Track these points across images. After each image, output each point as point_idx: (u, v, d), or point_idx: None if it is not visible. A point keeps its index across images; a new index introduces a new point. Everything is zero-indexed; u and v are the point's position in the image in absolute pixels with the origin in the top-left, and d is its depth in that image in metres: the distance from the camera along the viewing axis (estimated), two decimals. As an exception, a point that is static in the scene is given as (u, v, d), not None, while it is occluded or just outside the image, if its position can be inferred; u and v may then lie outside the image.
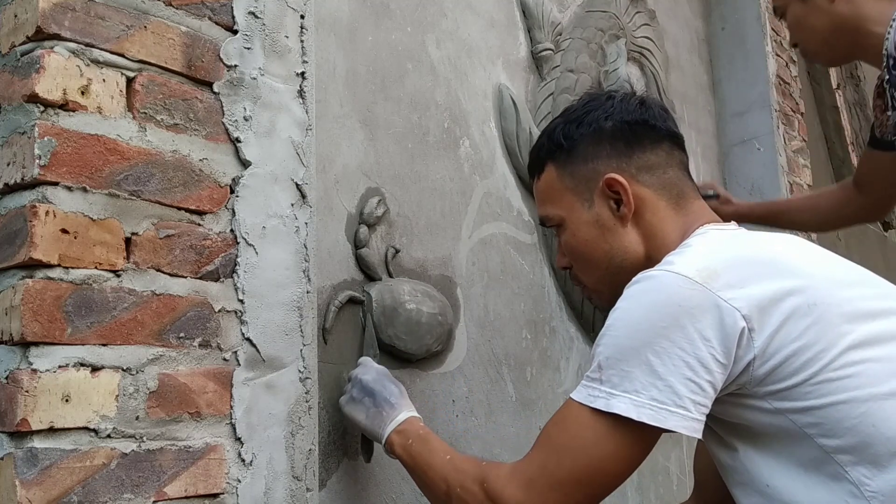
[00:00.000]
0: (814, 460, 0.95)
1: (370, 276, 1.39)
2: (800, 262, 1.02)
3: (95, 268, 0.93)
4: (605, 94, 1.23)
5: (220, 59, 1.09)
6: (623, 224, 1.14)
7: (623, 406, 0.93)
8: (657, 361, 0.93)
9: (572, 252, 1.19)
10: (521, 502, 0.97)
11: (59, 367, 0.89)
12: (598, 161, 1.15)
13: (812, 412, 0.94)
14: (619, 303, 1.00)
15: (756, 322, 0.94)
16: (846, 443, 0.93)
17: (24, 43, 0.93)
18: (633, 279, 1.02)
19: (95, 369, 0.92)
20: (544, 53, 1.87)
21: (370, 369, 1.26)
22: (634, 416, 0.93)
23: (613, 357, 0.96)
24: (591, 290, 1.21)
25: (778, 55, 2.79)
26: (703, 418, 0.95)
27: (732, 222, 1.16)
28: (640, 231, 1.13)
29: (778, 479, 0.97)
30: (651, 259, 1.09)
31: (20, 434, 0.86)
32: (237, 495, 1.04)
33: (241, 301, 1.08)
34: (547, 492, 0.96)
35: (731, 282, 0.96)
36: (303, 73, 1.20)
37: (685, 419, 0.93)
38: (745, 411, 0.98)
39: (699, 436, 0.95)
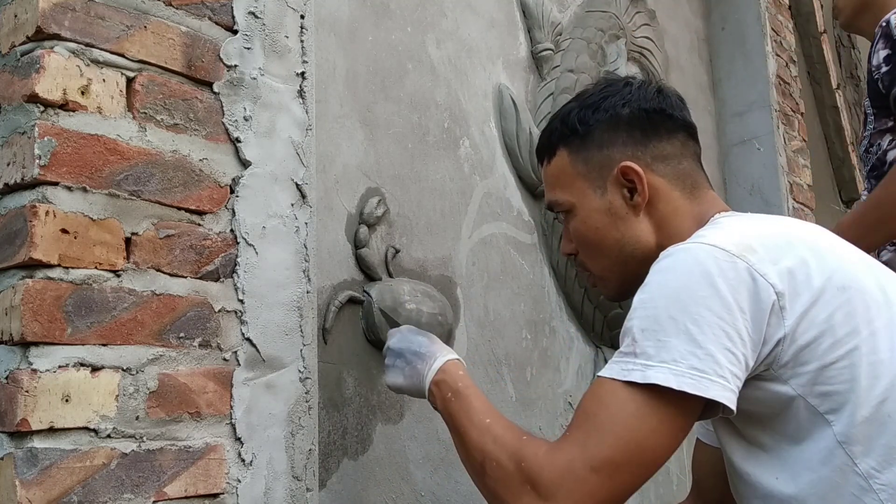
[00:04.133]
0: (824, 451, 0.94)
1: (370, 276, 1.39)
2: (827, 247, 1.02)
3: (95, 268, 0.93)
4: (623, 80, 1.21)
5: (220, 59, 1.09)
6: (636, 213, 1.12)
7: (661, 376, 0.89)
8: (696, 330, 0.90)
9: (581, 239, 1.17)
10: (561, 487, 0.91)
11: (59, 367, 0.89)
12: (613, 148, 1.13)
13: (832, 397, 0.93)
14: (651, 277, 0.97)
15: (787, 300, 0.93)
16: (860, 431, 0.92)
17: (24, 43, 0.93)
18: (663, 254, 0.99)
19: (95, 369, 0.92)
20: (544, 53, 1.87)
21: (395, 333, 1.24)
22: (674, 386, 0.89)
23: (650, 329, 0.92)
24: (597, 278, 1.19)
25: (778, 55, 2.79)
26: (738, 391, 0.92)
27: (748, 213, 1.16)
28: (653, 221, 1.12)
29: (787, 471, 0.96)
30: (663, 248, 1.08)
31: (20, 434, 0.86)
32: (237, 495, 1.04)
33: (241, 301, 1.08)
34: (588, 474, 0.90)
35: (766, 257, 0.95)
36: (303, 73, 1.20)
37: (725, 389, 0.90)
38: (766, 396, 0.96)
39: (734, 408, 0.92)
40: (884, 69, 1.52)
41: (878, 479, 0.91)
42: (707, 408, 0.93)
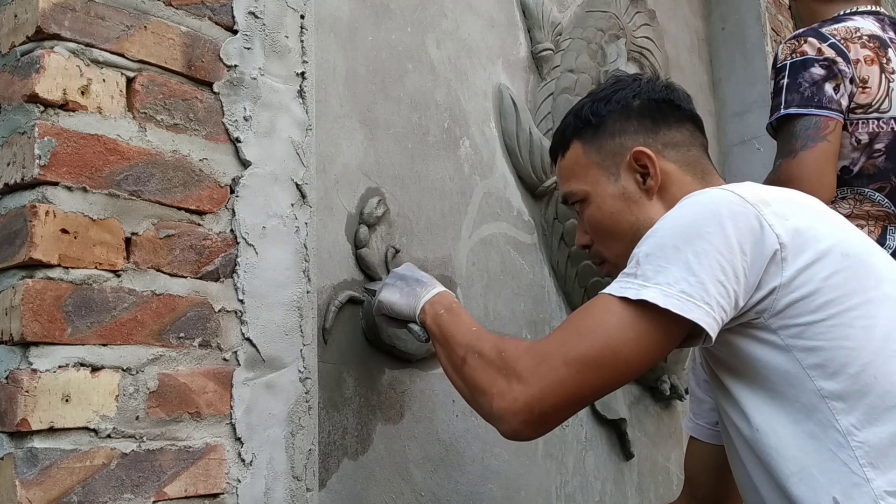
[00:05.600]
0: (806, 406, 0.96)
1: (370, 276, 1.39)
2: (838, 219, 1.07)
3: (95, 268, 0.93)
4: (632, 76, 1.27)
5: (220, 59, 1.09)
6: (649, 197, 1.16)
7: (651, 293, 0.95)
8: (695, 261, 0.95)
9: (596, 226, 1.20)
10: (533, 372, 0.98)
11: (59, 367, 0.89)
12: (625, 136, 1.19)
13: (819, 352, 0.95)
14: (670, 212, 1.03)
15: (790, 252, 0.97)
16: (844, 388, 0.95)
17: (24, 43, 0.93)
18: (686, 195, 1.05)
19: (95, 369, 0.92)
20: (544, 53, 1.87)
21: (403, 264, 1.32)
22: (661, 304, 0.94)
23: (654, 254, 0.98)
24: (612, 266, 1.22)
25: (776, 59, 2.79)
26: (721, 323, 0.96)
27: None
28: (666, 204, 1.15)
29: (767, 423, 0.99)
30: None
31: (20, 434, 0.86)
32: (237, 495, 1.04)
33: (241, 301, 1.08)
34: (560, 366, 0.97)
35: (778, 212, 0.99)
36: (303, 73, 1.20)
37: (707, 315, 0.94)
38: (754, 345, 0.99)
39: (714, 337, 0.96)
40: (773, 100, 1.58)
41: (857, 437, 0.94)
42: (689, 337, 0.98)
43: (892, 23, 1.64)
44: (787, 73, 1.55)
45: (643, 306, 0.95)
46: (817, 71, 1.52)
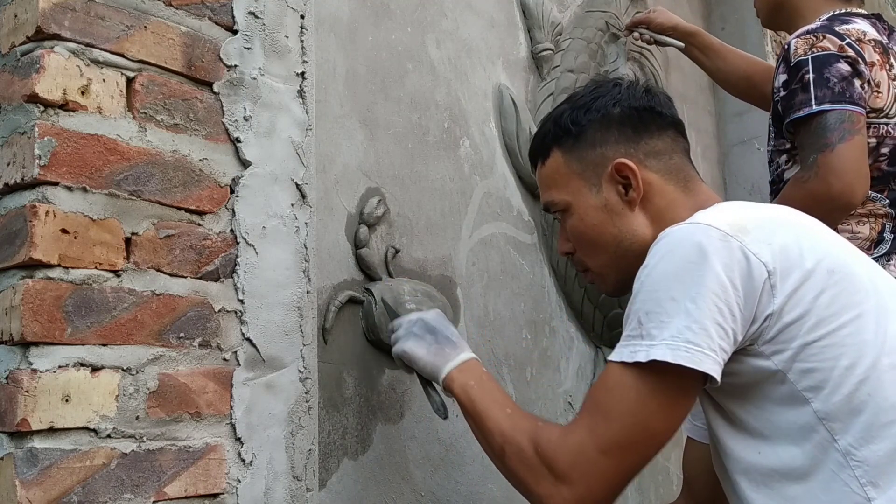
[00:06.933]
0: (804, 427, 0.96)
1: (370, 276, 1.39)
2: (819, 232, 1.06)
3: (95, 268, 0.93)
4: (612, 81, 1.25)
5: (220, 59, 1.09)
6: (631, 208, 1.15)
7: (660, 352, 0.94)
8: (694, 307, 0.94)
9: (579, 237, 1.20)
10: (574, 468, 0.98)
11: (59, 367, 0.89)
12: (606, 146, 1.17)
13: (813, 374, 0.95)
14: (651, 259, 1.01)
15: (778, 278, 0.96)
16: (839, 409, 0.94)
17: (24, 43, 0.93)
18: (661, 234, 1.02)
19: (95, 369, 0.92)
20: (544, 53, 1.87)
21: (430, 310, 1.28)
22: (671, 359, 0.93)
23: (653, 311, 0.97)
24: (595, 275, 1.22)
25: (778, 55, 2.79)
26: (724, 364, 0.96)
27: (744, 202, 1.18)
28: (649, 215, 1.14)
29: (769, 446, 0.99)
30: None
31: (20, 434, 0.86)
32: (237, 495, 1.04)
33: (241, 301, 1.08)
34: (598, 457, 0.97)
35: (759, 237, 0.98)
36: (303, 73, 1.20)
37: (715, 363, 0.94)
38: (748, 369, 0.99)
39: (719, 380, 0.96)
40: (782, 93, 1.55)
41: (856, 456, 0.94)
42: None
43: (888, 28, 1.63)
44: (810, 67, 1.50)
45: (655, 368, 0.95)
46: (844, 67, 1.48)
